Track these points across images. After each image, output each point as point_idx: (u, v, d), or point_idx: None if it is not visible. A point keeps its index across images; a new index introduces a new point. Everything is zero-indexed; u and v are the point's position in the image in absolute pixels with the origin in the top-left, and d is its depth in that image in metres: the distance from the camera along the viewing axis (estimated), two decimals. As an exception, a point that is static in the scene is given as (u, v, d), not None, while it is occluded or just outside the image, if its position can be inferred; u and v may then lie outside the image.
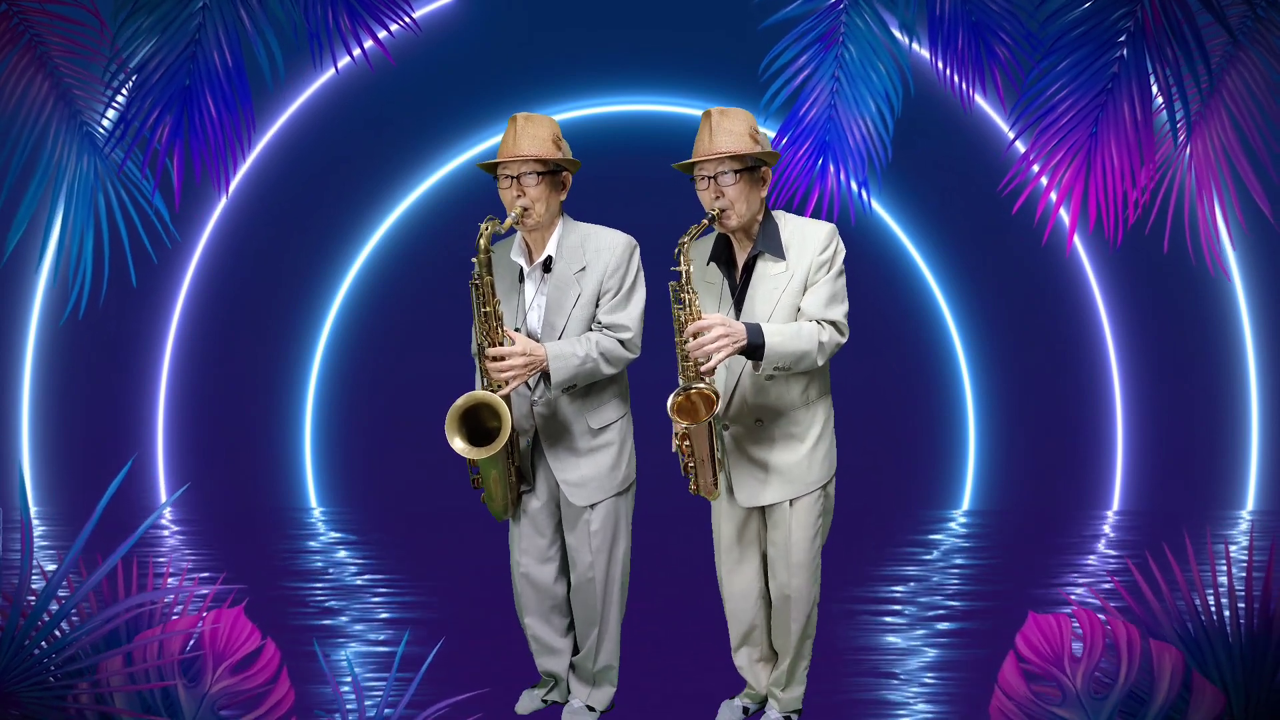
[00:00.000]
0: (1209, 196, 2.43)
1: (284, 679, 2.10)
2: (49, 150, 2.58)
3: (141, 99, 2.53)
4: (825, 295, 2.63)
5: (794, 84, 2.90)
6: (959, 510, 5.61)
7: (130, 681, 2.03)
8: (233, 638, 2.09)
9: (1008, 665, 2.09)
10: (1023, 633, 2.10)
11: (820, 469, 2.74)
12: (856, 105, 2.88)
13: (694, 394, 2.60)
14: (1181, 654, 2.03)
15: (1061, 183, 2.49)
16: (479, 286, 2.70)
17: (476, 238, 2.65)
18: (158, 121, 2.54)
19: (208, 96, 2.54)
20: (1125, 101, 2.40)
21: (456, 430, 2.68)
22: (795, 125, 2.91)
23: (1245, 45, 2.38)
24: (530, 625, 2.98)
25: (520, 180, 2.70)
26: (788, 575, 2.75)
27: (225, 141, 2.58)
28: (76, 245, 2.60)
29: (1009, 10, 2.61)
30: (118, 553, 2.05)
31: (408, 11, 2.59)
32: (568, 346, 2.72)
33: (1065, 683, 2.05)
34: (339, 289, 5.73)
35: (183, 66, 2.53)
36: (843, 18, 2.83)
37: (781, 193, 2.97)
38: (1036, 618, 2.10)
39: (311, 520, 5.52)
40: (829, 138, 2.91)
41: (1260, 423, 5.50)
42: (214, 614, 2.10)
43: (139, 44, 2.51)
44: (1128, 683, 2.03)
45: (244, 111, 2.58)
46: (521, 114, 2.74)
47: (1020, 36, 2.61)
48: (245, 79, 2.57)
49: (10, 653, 1.97)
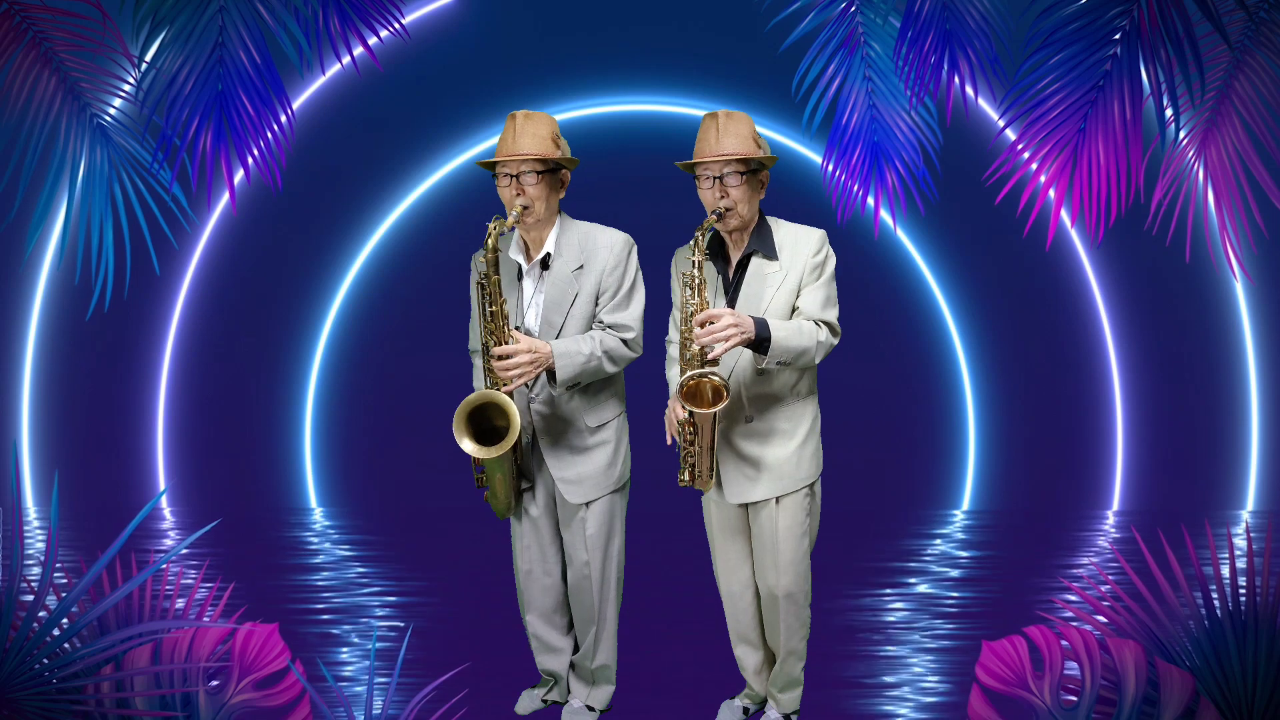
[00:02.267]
0: (1227, 202, 2.43)
1: (305, 704, 2.09)
2: (61, 145, 2.58)
3: (178, 111, 2.54)
4: (821, 297, 2.70)
5: (829, 96, 2.89)
6: (959, 510, 5.61)
7: (154, 678, 2.03)
8: (263, 653, 2.08)
9: (974, 698, 2.09)
10: (980, 663, 2.10)
11: (808, 467, 2.76)
12: (896, 99, 2.88)
13: (705, 381, 2.61)
14: (1141, 645, 2.05)
15: (1047, 175, 2.49)
16: (485, 285, 2.70)
17: (485, 237, 2.65)
18: (199, 131, 2.55)
19: (242, 97, 2.55)
20: (1115, 99, 2.40)
21: (464, 430, 2.68)
22: (842, 135, 2.90)
23: (1251, 49, 2.38)
24: (531, 623, 2.98)
25: (520, 179, 2.70)
26: (776, 574, 2.76)
27: (270, 137, 2.59)
28: (97, 237, 2.60)
29: (983, 30, 2.61)
30: (106, 555, 2.04)
31: (398, 17, 2.60)
32: (573, 345, 2.72)
33: (1034, 701, 2.05)
34: (339, 289, 5.73)
35: (213, 72, 2.54)
36: (859, 18, 2.83)
37: (847, 203, 2.95)
38: (990, 645, 2.11)
39: (311, 520, 5.52)
40: (878, 138, 2.91)
41: (1260, 423, 5.50)
42: (248, 627, 2.09)
43: (166, 58, 2.52)
44: (1094, 686, 2.03)
45: (281, 104, 2.59)
46: (521, 112, 2.75)
47: (986, 58, 2.63)
48: (275, 72, 2.57)
49: (14, 663, 1.97)
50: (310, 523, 5.47)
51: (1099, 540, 5.01)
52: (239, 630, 2.07)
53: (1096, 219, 2.44)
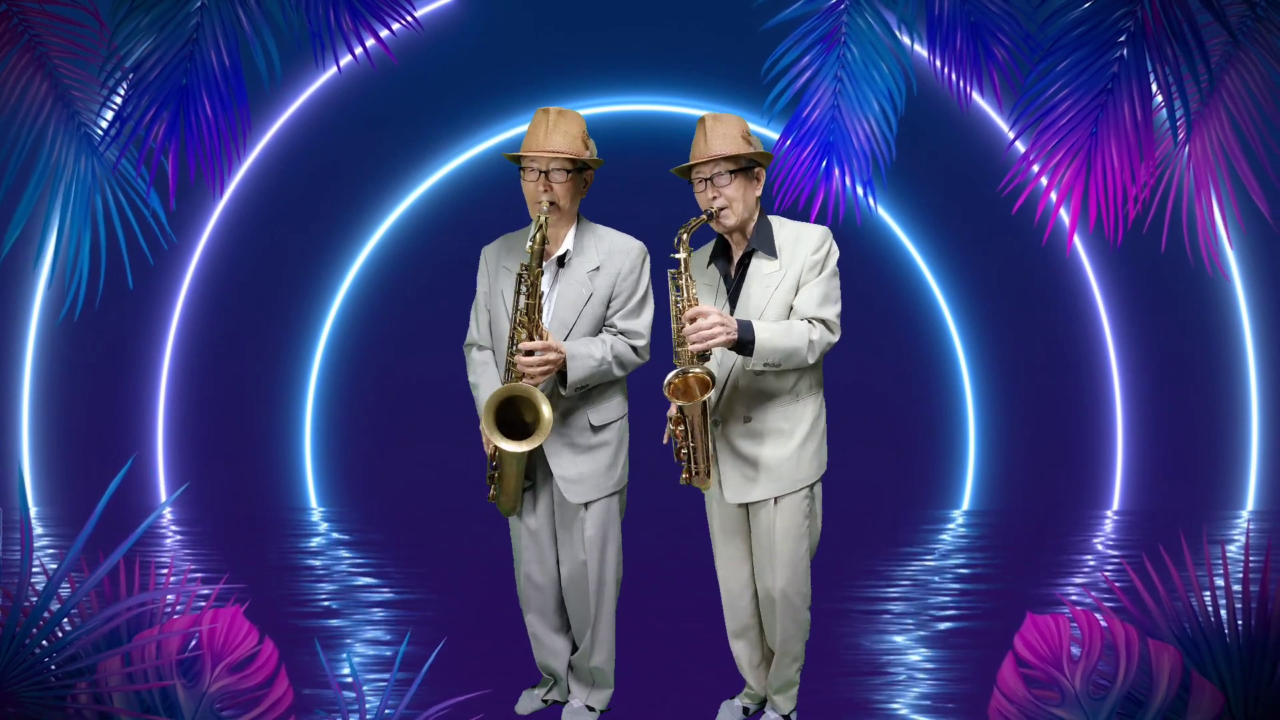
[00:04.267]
0: (1207, 196, 2.43)
1: (282, 678, 2.09)
2: (46, 150, 2.58)
3: (138, 97, 2.52)
4: (819, 295, 2.69)
5: (796, 85, 2.89)
6: (959, 510, 5.61)
7: (129, 681, 2.03)
8: (231, 637, 2.09)
9: (1006, 666, 2.09)
10: (1021, 634, 2.10)
11: (808, 467, 2.75)
12: (860, 106, 2.87)
13: (691, 377, 2.63)
14: (1180, 654, 2.04)
15: (1061, 183, 2.48)
16: (525, 276, 2.70)
17: (534, 230, 2.66)
18: (154, 120, 2.53)
19: (204, 96, 2.54)
20: (1125, 102, 2.40)
21: (493, 425, 2.67)
22: (799, 127, 2.90)
23: (1245, 45, 2.38)
24: (532, 623, 2.99)
25: (550, 175, 2.72)
26: (773, 575, 2.76)
27: (221, 142, 2.57)
28: (74, 246, 2.59)
29: (1007, 12, 2.60)
30: (118, 552, 2.04)
31: (409, 10, 2.59)
32: (585, 347, 2.73)
33: (1064, 684, 2.05)
34: (339, 289, 5.73)
35: (180, 65, 2.52)
36: (844, 18, 2.83)
37: (786, 195, 2.97)
38: (1035, 618, 2.10)
39: (312, 520, 5.52)
40: (833, 138, 2.91)
41: (1260, 423, 5.50)
42: (212, 614, 2.09)
43: (136, 42, 2.50)
44: (1126, 683, 2.03)
45: (240, 112, 2.57)
46: (553, 108, 2.76)
47: (1019, 38, 2.61)
48: (242, 80, 2.56)
49: (10, 652, 1.97)
50: (310, 523, 5.47)
51: (1099, 540, 5.01)
52: (204, 616, 2.07)
53: (1114, 223, 2.44)
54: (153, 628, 2.09)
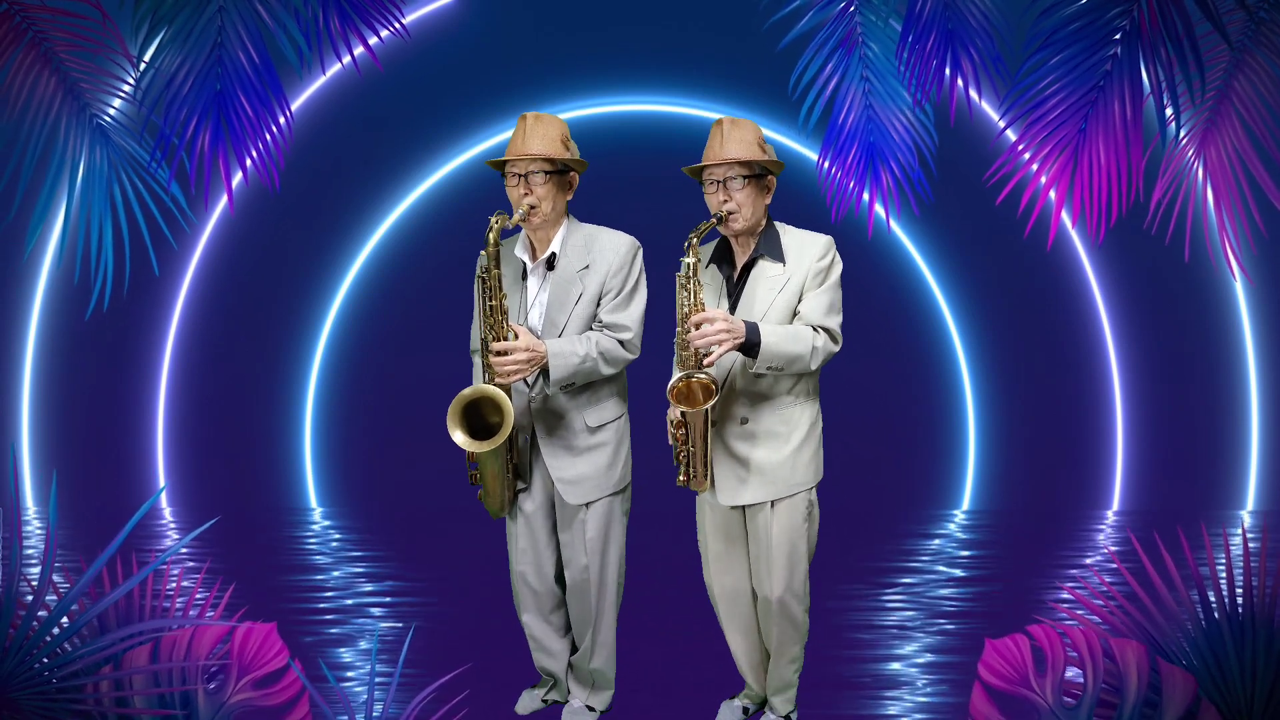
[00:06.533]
0: (1227, 202, 2.42)
1: (304, 703, 2.09)
2: (60, 145, 2.58)
3: (176, 111, 2.54)
4: (824, 303, 2.70)
5: (825, 95, 2.90)
6: (959, 510, 5.61)
7: (154, 677, 2.03)
8: (261, 653, 2.08)
9: (976, 696, 2.09)
10: (983, 661, 2.10)
11: (804, 472, 2.75)
12: (893, 100, 2.88)
13: (694, 382, 2.63)
14: (1143, 646, 2.05)
15: (1048, 176, 2.49)
16: (486, 280, 2.70)
17: (486, 231, 2.66)
18: (197, 131, 2.56)
19: (241, 97, 2.56)
20: (1116, 100, 2.40)
21: (458, 423, 2.69)
22: (837, 135, 2.91)
23: (1251, 49, 2.38)
24: (529, 624, 2.98)
25: (528, 179, 2.72)
26: (769, 580, 2.76)
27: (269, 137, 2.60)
28: (96, 238, 2.60)
29: (985, 30, 2.61)
30: (106, 552, 2.04)
31: (398, 16, 2.60)
32: (568, 345, 2.73)
33: (1036, 700, 2.05)
34: (339, 289, 5.73)
35: (211, 72, 2.54)
36: (857, 18, 2.83)
37: (841, 201, 2.96)
38: (993, 643, 2.11)
39: (311, 520, 5.52)
40: (874, 138, 2.92)
41: (1260, 423, 5.50)
42: (247, 626, 2.09)
43: (164, 58, 2.53)
44: (1096, 685, 2.03)
45: (280, 104, 2.59)
46: (531, 113, 2.76)
47: (989, 56, 2.63)
48: (274, 72, 2.58)
49: (13, 662, 1.97)
50: (310, 523, 5.47)
51: (1099, 540, 5.01)
52: (238, 629, 2.07)
53: (1097, 219, 2.44)
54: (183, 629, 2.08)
